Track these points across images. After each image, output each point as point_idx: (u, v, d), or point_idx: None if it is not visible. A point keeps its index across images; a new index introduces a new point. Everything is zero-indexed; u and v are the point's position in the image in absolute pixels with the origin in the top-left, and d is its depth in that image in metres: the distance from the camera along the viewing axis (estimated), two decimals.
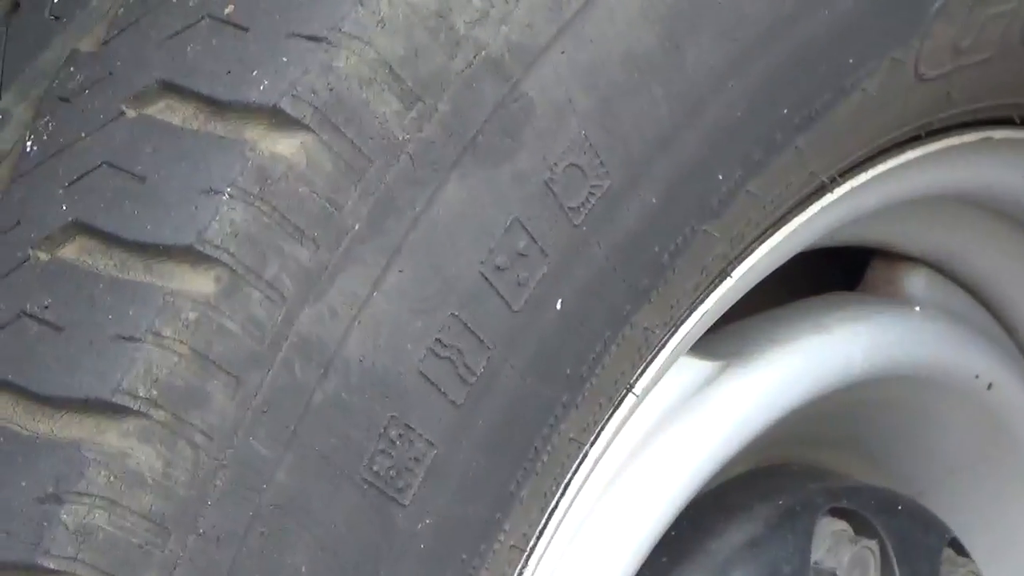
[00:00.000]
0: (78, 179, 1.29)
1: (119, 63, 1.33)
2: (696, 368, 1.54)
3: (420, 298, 1.33)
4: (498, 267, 1.35)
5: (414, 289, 1.32)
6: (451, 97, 1.32)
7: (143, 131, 1.29)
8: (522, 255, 1.36)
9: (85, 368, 1.27)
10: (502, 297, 1.35)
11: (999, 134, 1.59)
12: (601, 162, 1.37)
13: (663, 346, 1.46)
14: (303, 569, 1.31)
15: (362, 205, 1.30)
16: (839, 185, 1.52)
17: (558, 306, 1.37)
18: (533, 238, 1.36)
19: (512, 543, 1.40)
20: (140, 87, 1.30)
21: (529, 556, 1.43)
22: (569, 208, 1.36)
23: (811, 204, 1.51)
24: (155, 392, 1.26)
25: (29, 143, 1.32)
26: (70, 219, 1.28)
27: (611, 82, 1.37)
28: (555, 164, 1.35)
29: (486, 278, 1.34)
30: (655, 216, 1.40)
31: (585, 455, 1.43)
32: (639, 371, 1.45)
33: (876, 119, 1.50)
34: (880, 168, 1.54)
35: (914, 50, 1.49)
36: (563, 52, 1.35)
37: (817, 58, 1.45)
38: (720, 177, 1.42)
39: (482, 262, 1.34)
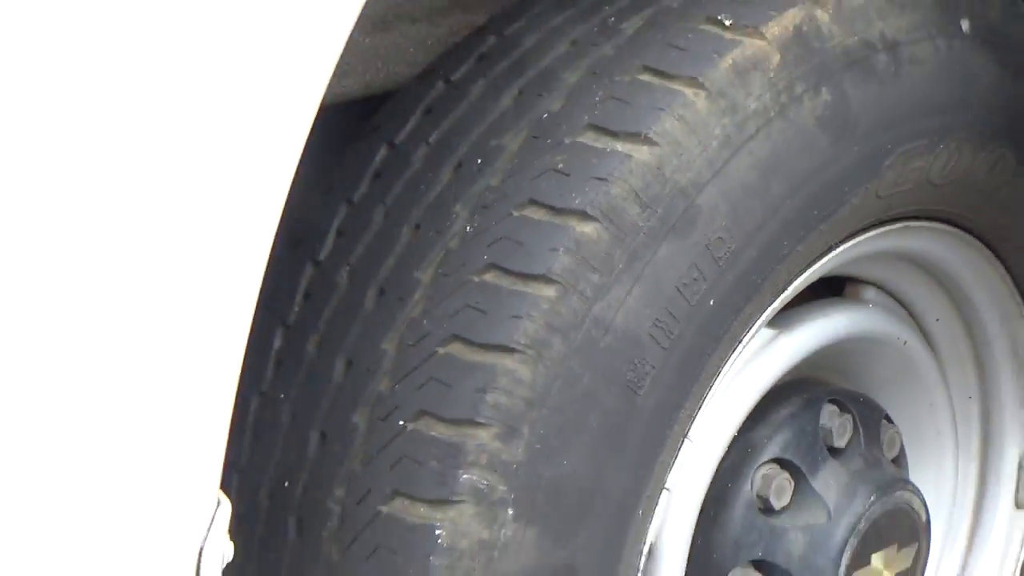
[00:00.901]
0: (493, 242, 1.28)
1: (507, 191, 1.30)
2: (767, 333, 1.50)
3: (649, 298, 1.30)
4: (684, 284, 1.31)
5: (646, 295, 1.30)
6: (663, 206, 1.29)
7: (521, 223, 1.28)
8: (695, 279, 1.32)
9: (495, 330, 1.26)
10: (686, 299, 1.32)
11: (913, 224, 1.54)
12: (731, 235, 1.33)
13: (755, 323, 1.41)
14: (595, 425, 1.29)
15: (623, 256, 1.28)
16: (838, 247, 1.46)
17: (711, 303, 1.33)
18: (700, 271, 1.32)
19: (687, 414, 1.37)
20: (518, 202, 1.28)
21: (694, 420, 1.39)
22: (716, 257, 1.32)
23: (823, 256, 1.46)
24: (527, 341, 1.26)
25: (469, 228, 1.30)
26: (489, 263, 1.28)
27: (737, 198, 1.33)
28: (711, 236, 1.32)
29: (678, 290, 1.31)
30: (755, 262, 1.36)
31: (719, 372, 1.39)
32: (745, 333, 1.41)
33: (856, 217, 1.44)
34: (856, 240, 1.48)
35: (876, 184, 1.42)
36: (715, 185, 1.31)
37: (830, 187, 1.39)
38: (785, 243, 1.37)
39: (676, 281, 1.31)
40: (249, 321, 1.11)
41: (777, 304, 1.44)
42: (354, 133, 1.40)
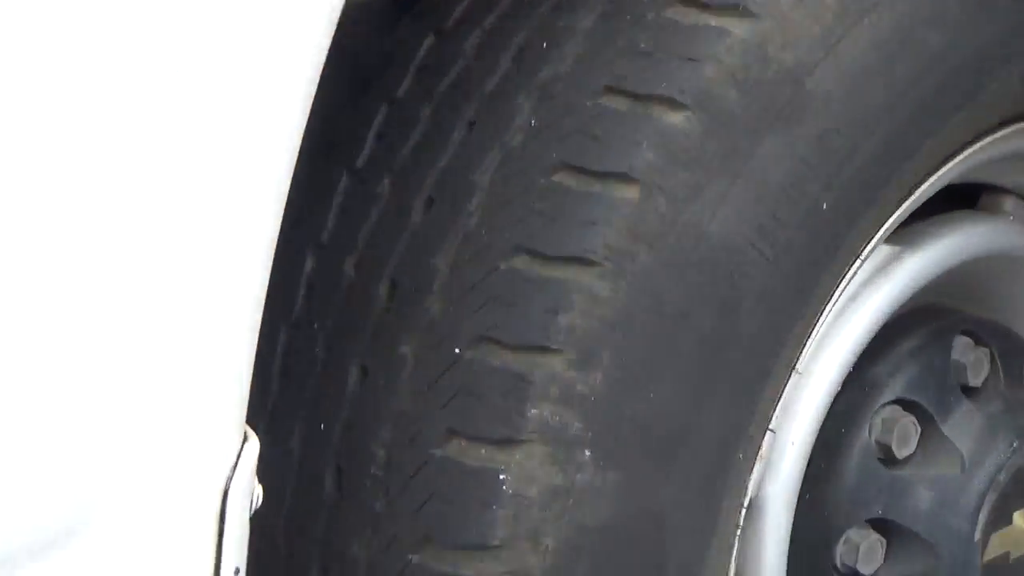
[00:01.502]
0: (563, 137, 1.24)
1: (578, 78, 1.26)
2: (888, 250, 1.47)
3: (750, 201, 1.27)
4: (792, 184, 1.28)
5: (747, 197, 1.27)
6: (767, 92, 1.26)
7: (596, 113, 1.24)
8: (805, 178, 1.28)
9: (567, 239, 1.23)
10: (794, 202, 1.28)
11: None
12: (848, 126, 1.29)
13: (875, 235, 1.39)
14: (686, 351, 1.26)
15: (718, 151, 1.24)
16: (973, 145, 1.43)
17: (824, 208, 1.30)
18: (810, 168, 1.28)
19: (796, 342, 1.34)
20: (593, 90, 1.24)
21: (803, 350, 1.36)
22: (830, 151, 1.28)
23: (956, 156, 1.42)
24: (606, 251, 1.23)
25: (533, 121, 1.27)
26: (558, 161, 1.24)
27: (854, 82, 1.29)
28: (823, 127, 1.28)
29: (785, 191, 1.27)
30: (876, 159, 1.32)
31: (832, 293, 1.37)
32: (863, 247, 1.38)
33: (996, 107, 1.41)
34: (994, 136, 1.45)
35: (1020, 65, 1.40)
36: (827, 65, 1.28)
37: (965, 69, 1.37)
38: (911, 137, 1.34)
39: (783, 181, 1.27)
40: (273, 237, 1.08)
41: (901, 213, 1.41)
42: (395, 24, 1.39)
